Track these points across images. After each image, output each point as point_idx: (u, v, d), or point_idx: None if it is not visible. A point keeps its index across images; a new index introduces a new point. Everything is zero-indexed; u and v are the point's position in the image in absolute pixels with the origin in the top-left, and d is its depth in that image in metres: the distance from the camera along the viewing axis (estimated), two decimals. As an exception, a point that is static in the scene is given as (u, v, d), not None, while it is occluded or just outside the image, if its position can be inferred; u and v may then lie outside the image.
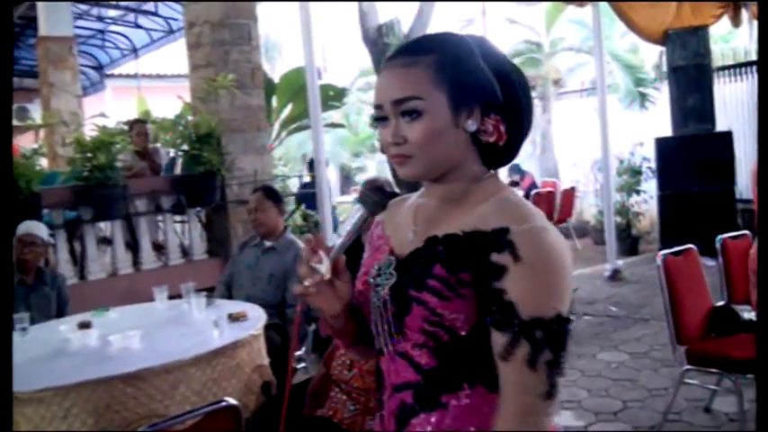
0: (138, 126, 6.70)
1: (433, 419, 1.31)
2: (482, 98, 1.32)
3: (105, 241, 6.41)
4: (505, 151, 1.38)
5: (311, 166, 9.05)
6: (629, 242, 9.19)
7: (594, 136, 8.17)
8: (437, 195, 1.40)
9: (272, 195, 4.44)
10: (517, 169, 11.52)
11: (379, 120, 1.36)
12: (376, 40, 8.98)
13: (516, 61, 11.00)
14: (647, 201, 9.45)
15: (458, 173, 1.36)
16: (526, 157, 12.65)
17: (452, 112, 1.31)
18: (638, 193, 9.44)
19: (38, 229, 4.39)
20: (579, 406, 4.29)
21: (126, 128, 6.46)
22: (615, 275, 7.65)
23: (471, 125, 1.32)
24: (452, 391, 1.30)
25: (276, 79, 9.01)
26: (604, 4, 7.71)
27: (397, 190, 4.34)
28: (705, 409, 4.03)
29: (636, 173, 9.41)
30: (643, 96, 12.05)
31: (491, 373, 1.26)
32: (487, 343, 1.25)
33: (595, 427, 3.98)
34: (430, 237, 1.33)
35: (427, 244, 1.33)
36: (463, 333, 1.28)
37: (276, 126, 8.68)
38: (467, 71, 1.32)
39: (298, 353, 4.39)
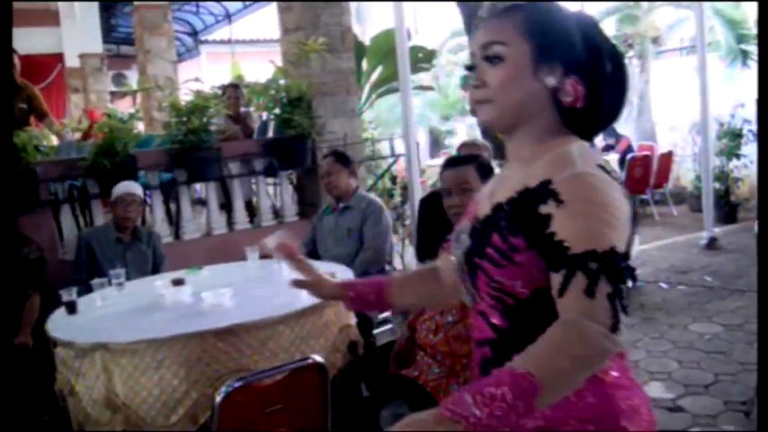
0: (231, 90, 6.81)
1: None
2: (564, 57, 1.36)
3: (200, 202, 6.59)
4: (587, 117, 1.39)
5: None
6: (728, 209, 8.82)
7: (694, 97, 7.84)
8: (512, 157, 1.46)
9: (342, 159, 4.60)
10: (612, 132, 11.14)
11: (469, 69, 1.44)
12: (467, -1, 8.83)
13: (613, 18, 10.74)
14: (747, 165, 8.99)
15: (530, 128, 1.40)
16: (622, 119, 12.23)
17: (533, 63, 1.36)
18: (737, 157, 9.01)
19: (135, 188, 4.54)
20: (669, 377, 4.18)
21: (219, 92, 6.57)
22: (712, 244, 7.37)
23: (550, 80, 1.36)
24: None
25: (366, 42, 8.99)
26: (708, -42, 7.35)
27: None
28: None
29: (736, 136, 8.97)
30: (745, 54, 11.31)
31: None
32: (551, 305, 1.25)
33: (685, 400, 3.87)
34: (496, 203, 1.39)
35: (494, 211, 1.39)
36: (524, 297, 1.34)
37: (366, 89, 8.67)
38: (553, 29, 1.37)
39: (385, 314, 4.43)
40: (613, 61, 1.40)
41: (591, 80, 1.37)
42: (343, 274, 3.57)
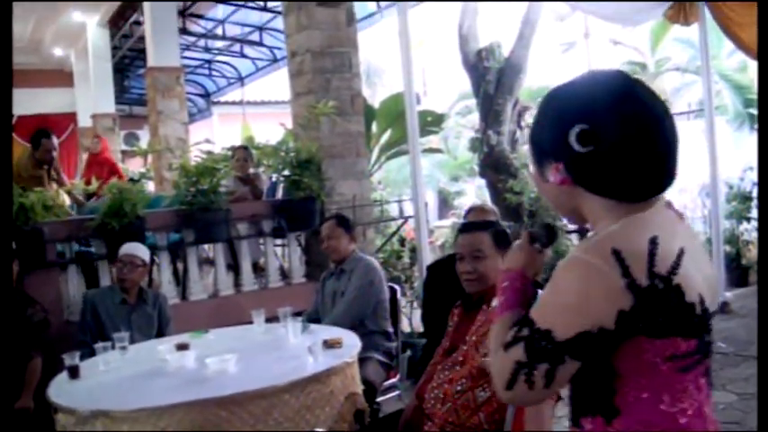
0: (240, 152, 6.85)
1: None
2: (550, 152, 1.46)
3: (208, 262, 6.57)
4: (612, 183, 1.41)
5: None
6: (739, 272, 8.70)
7: (702, 160, 7.83)
8: None
9: (343, 223, 4.61)
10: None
11: None
12: (476, 64, 8.95)
13: (621, 84, 10.77)
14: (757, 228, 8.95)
15: (584, 217, 1.50)
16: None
17: (537, 170, 1.52)
18: (747, 220, 8.95)
19: (138, 250, 4.53)
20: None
21: (229, 154, 6.61)
22: (724, 308, 7.24)
23: (551, 177, 1.47)
24: (585, 415, 1.44)
25: (376, 105, 9.08)
26: (711, 23, 7.41)
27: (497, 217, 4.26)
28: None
29: (746, 199, 8.93)
30: (752, 118, 11.41)
31: (606, 405, 1.39)
32: (595, 378, 1.39)
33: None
34: None
35: None
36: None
37: (375, 151, 8.72)
38: (536, 133, 1.52)
39: (391, 381, 4.36)
40: (586, 122, 1.40)
41: (566, 156, 1.42)
42: (348, 339, 3.53)
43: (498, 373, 1.41)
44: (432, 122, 8.91)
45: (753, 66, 11.24)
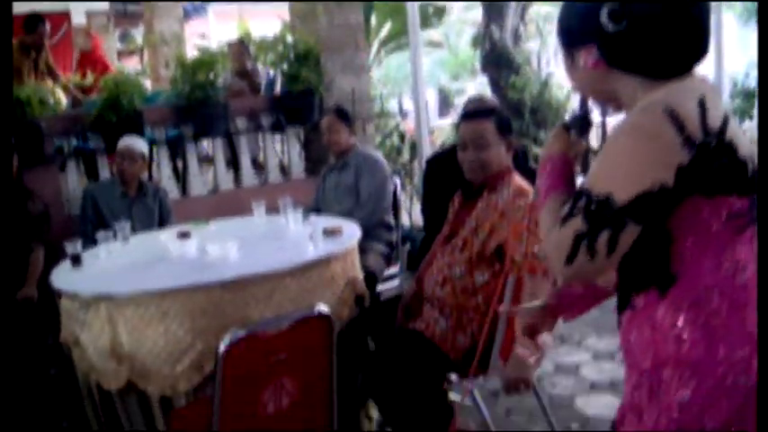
0: (237, 46, 6.71)
1: (627, 316, 1.47)
2: (580, 35, 1.46)
3: (207, 160, 6.54)
4: (649, 61, 1.41)
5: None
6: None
7: (708, 56, 7.69)
8: None
9: (343, 116, 4.56)
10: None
11: None
12: (479, -44, 8.70)
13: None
14: (761, 126, 8.87)
15: (620, 100, 1.48)
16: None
17: (568, 58, 1.51)
18: (751, 118, 8.88)
19: (136, 142, 4.50)
20: None
21: (226, 49, 6.48)
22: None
23: (583, 61, 1.47)
24: (635, 292, 1.44)
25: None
26: None
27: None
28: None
29: (750, 96, 8.82)
30: (763, 15, 11.18)
31: (660, 279, 1.39)
32: (649, 246, 1.39)
33: None
34: None
35: None
36: None
37: (375, 45, 8.55)
38: (565, 18, 1.51)
39: (391, 270, 4.41)
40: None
41: (606, 38, 1.41)
42: (347, 227, 3.54)
43: (556, 249, 1.39)
44: (433, 15, 8.70)
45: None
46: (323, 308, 2.23)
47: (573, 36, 1.48)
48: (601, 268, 1.38)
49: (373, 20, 8.30)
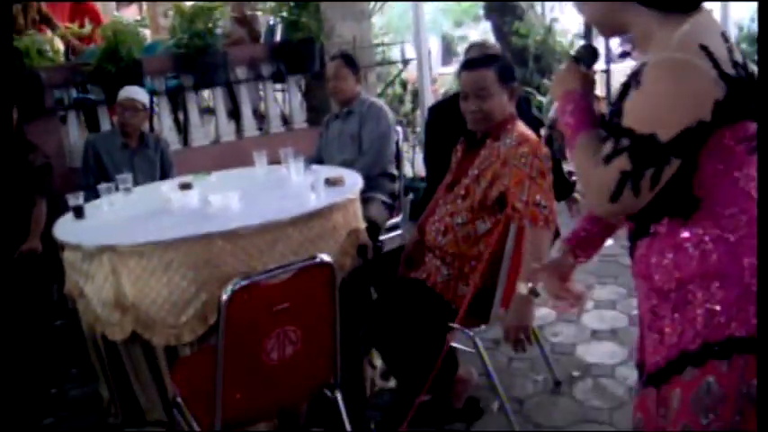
0: (236, -8, 6.62)
1: (645, 243, 1.53)
2: None
3: (208, 111, 6.50)
4: None
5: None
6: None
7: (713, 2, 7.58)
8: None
9: (350, 62, 4.43)
10: (629, 38, 10.81)
11: None
12: None
13: None
14: (766, 71, 8.78)
15: (635, 27, 1.49)
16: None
17: None
18: (755, 62, 8.78)
19: (137, 93, 4.46)
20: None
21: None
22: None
23: None
24: (656, 221, 1.49)
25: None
26: None
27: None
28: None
29: (756, 41, 8.73)
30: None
31: (684, 206, 1.44)
32: (677, 181, 1.41)
33: None
34: None
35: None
36: None
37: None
38: None
39: (394, 220, 4.40)
40: None
41: None
42: (349, 177, 3.53)
43: (599, 188, 1.43)
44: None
45: None
46: (325, 257, 2.23)
47: None
48: (643, 203, 1.42)
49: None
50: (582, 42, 7.46)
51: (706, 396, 1.42)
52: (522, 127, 2.92)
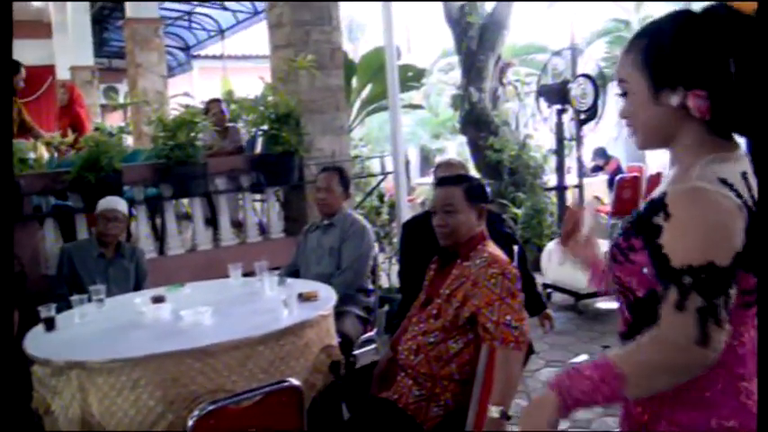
0: (213, 105, 6.79)
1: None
2: (683, 76, 1.44)
3: (186, 217, 6.55)
4: (728, 118, 1.44)
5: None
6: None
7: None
8: (670, 165, 1.56)
9: (343, 177, 4.51)
10: (602, 153, 11.15)
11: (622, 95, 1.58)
12: (459, 19, 8.89)
13: (604, 40, 10.83)
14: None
15: (677, 143, 1.51)
16: (611, 140, 12.29)
17: (652, 92, 1.48)
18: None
19: (119, 204, 4.50)
20: None
21: (206, 107, 6.55)
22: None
23: (674, 100, 1.45)
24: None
25: (357, 60, 9.00)
26: (696, -18, 7.37)
27: (470, 173, 4.27)
28: None
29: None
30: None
31: None
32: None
33: None
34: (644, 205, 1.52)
35: (635, 213, 1.53)
36: (640, 295, 1.48)
37: (356, 106, 8.67)
38: (668, 54, 1.46)
39: (368, 334, 4.39)
40: (736, 54, 1.42)
41: (716, 86, 1.42)
42: (324, 292, 3.54)
43: (685, 336, 1.33)
44: (412, 77, 8.84)
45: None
46: (293, 380, 2.23)
47: (674, 75, 1.46)
48: (726, 336, 1.35)
49: (355, 82, 8.42)
50: (554, 158, 7.72)
51: None
52: (492, 247, 2.97)
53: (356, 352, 4.16)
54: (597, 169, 10.79)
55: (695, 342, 1.32)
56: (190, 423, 1.98)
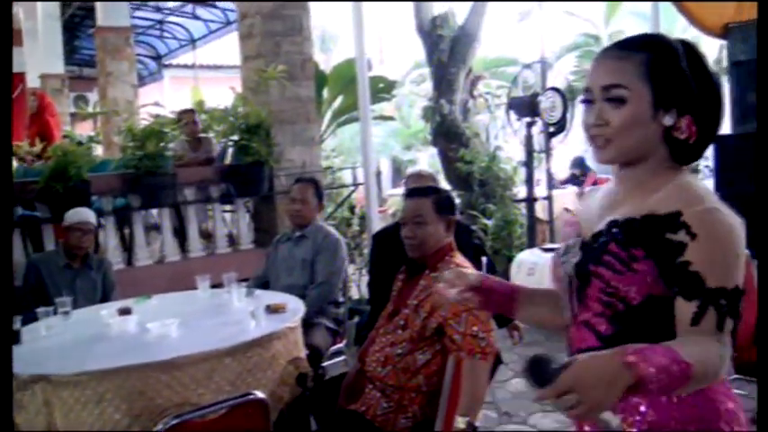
0: (187, 115, 6.77)
1: None
2: (681, 99, 1.48)
3: (154, 228, 6.50)
4: (694, 148, 1.52)
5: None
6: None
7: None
8: (624, 182, 1.58)
9: (318, 190, 4.51)
10: (580, 163, 10.95)
11: (585, 102, 1.55)
12: (430, 31, 8.94)
13: (574, 54, 10.90)
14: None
15: (646, 162, 1.52)
16: (582, 152, 12.39)
17: (652, 107, 1.49)
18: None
19: (88, 215, 4.46)
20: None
21: (176, 117, 6.53)
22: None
23: (668, 120, 1.49)
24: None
25: (328, 71, 9.02)
26: (665, -4, 7.49)
27: (440, 184, 4.30)
28: (752, 420, 3.87)
29: (693, 172, 9.07)
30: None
31: (662, 339, 1.37)
32: (659, 313, 1.44)
33: None
34: (611, 220, 1.52)
35: (608, 226, 1.51)
36: (636, 303, 1.47)
37: (327, 117, 8.69)
38: (672, 74, 1.49)
39: (338, 346, 4.39)
40: (720, 93, 1.53)
41: (703, 115, 1.50)
42: (294, 305, 3.54)
43: (729, 353, 1.39)
44: (383, 89, 8.88)
45: (706, 41, 11.36)
46: (259, 393, 2.23)
47: (680, 98, 1.49)
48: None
49: (326, 93, 8.44)
50: (524, 170, 7.78)
51: None
52: (459, 258, 2.99)
53: (325, 364, 4.15)
54: (573, 178, 10.69)
55: (728, 358, 1.39)
56: (154, 437, 1.97)
